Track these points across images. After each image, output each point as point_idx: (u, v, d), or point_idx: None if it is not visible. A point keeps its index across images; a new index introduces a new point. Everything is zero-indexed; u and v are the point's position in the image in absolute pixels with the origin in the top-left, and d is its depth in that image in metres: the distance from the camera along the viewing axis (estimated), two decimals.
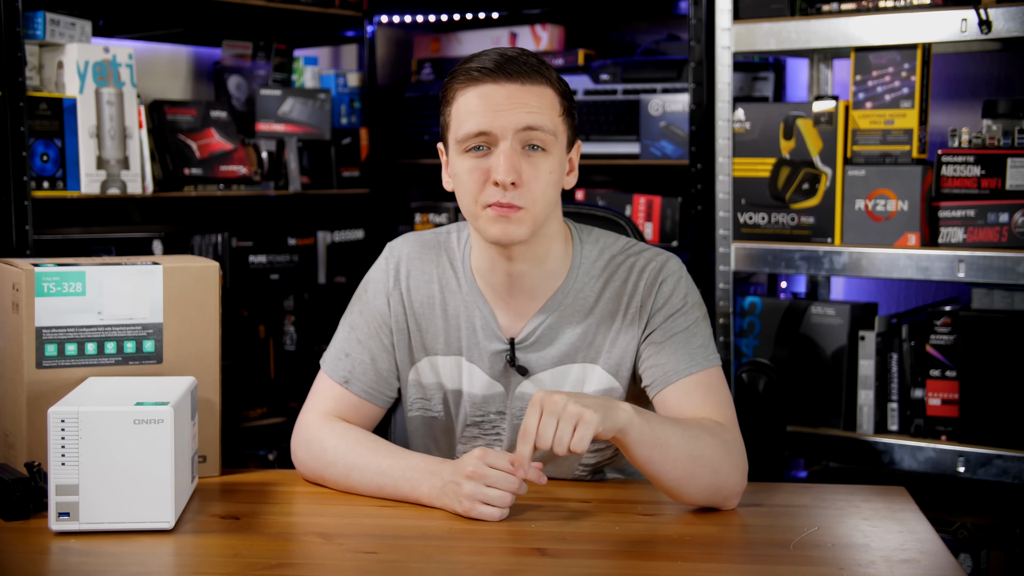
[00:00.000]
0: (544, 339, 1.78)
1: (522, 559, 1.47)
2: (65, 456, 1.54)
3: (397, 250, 1.86)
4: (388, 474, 1.69)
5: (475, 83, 1.68)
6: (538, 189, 1.68)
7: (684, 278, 1.79)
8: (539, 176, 1.68)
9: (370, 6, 3.51)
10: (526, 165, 1.67)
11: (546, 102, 1.69)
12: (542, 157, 1.68)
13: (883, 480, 2.65)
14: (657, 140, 3.11)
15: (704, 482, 1.64)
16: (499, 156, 1.66)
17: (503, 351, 1.78)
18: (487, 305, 1.79)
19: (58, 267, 1.76)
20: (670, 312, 1.76)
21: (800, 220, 2.73)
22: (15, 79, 2.60)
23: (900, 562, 1.47)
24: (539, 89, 1.68)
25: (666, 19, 3.47)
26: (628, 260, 1.79)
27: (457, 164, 1.72)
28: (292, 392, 3.35)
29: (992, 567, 2.69)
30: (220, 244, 3.19)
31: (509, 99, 1.67)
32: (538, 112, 1.67)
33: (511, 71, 1.67)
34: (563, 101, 1.72)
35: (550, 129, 1.68)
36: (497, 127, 1.66)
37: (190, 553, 1.52)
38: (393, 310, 1.83)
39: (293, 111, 3.33)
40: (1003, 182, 2.51)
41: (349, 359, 1.83)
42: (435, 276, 1.83)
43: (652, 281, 1.77)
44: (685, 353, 1.74)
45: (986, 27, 2.46)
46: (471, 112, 1.68)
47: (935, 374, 2.65)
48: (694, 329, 1.76)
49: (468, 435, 1.84)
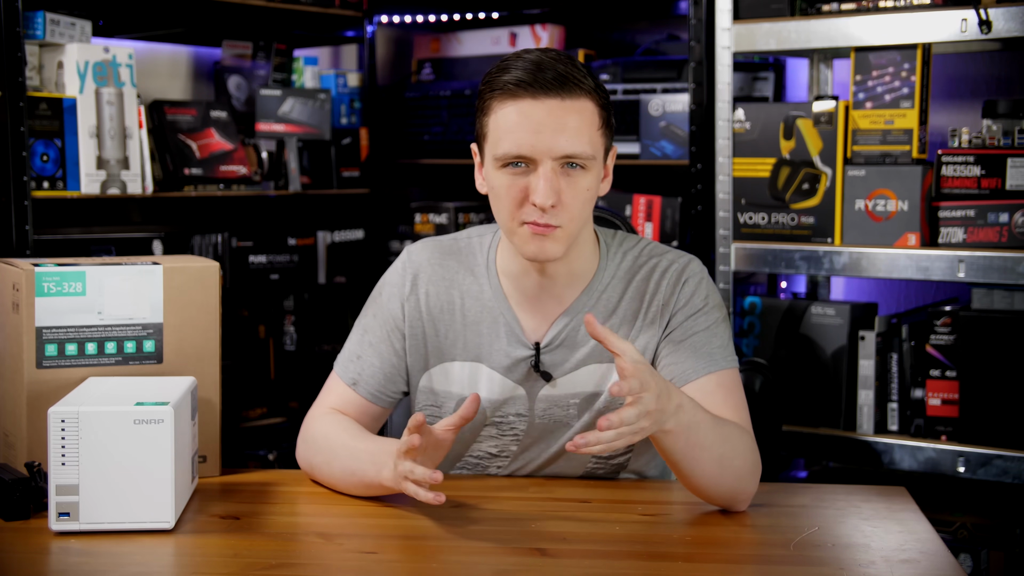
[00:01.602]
0: (568, 342, 1.78)
1: (522, 559, 1.47)
2: (65, 456, 1.54)
3: (416, 256, 1.85)
4: (359, 457, 1.69)
5: (513, 98, 1.64)
6: (575, 207, 1.66)
7: (706, 279, 1.80)
8: (577, 195, 1.66)
9: (370, 6, 3.51)
10: (564, 184, 1.65)
11: (586, 119, 1.65)
12: (581, 175, 1.66)
13: (883, 480, 2.65)
14: (657, 140, 3.11)
15: (728, 485, 1.65)
16: (539, 180, 1.63)
17: (528, 357, 1.78)
18: (511, 311, 1.79)
19: (58, 267, 1.76)
20: (691, 312, 1.76)
21: (800, 220, 2.73)
22: (15, 79, 2.60)
23: (900, 562, 1.47)
24: (579, 104, 1.65)
25: (666, 19, 3.47)
26: (651, 261, 1.80)
27: (494, 178, 1.69)
28: (292, 392, 3.35)
29: (992, 567, 2.69)
30: (220, 244, 3.19)
31: (549, 117, 1.63)
32: (577, 135, 1.64)
33: (549, 84, 1.63)
34: (602, 113, 1.68)
35: (589, 154, 1.65)
36: (538, 152, 1.63)
37: (190, 553, 1.52)
38: (408, 316, 1.82)
39: (293, 111, 3.33)
40: (1003, 182, 2.51)
41: (360, 361, 1.84)
42: (455, 282, 1.82)
43: (675, 281, 1.77)
44: (705, 352, 1.74)
45: (986, 27, 2.46)
46: (509, 130, 1.64)
47: (935, 374, 2.65)
48: (714, 329, 1.76)
49: (485, 434, 1.84)
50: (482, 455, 1.85)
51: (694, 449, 1.59)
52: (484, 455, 1.85)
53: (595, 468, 1.84)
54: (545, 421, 1.80)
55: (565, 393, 1.79)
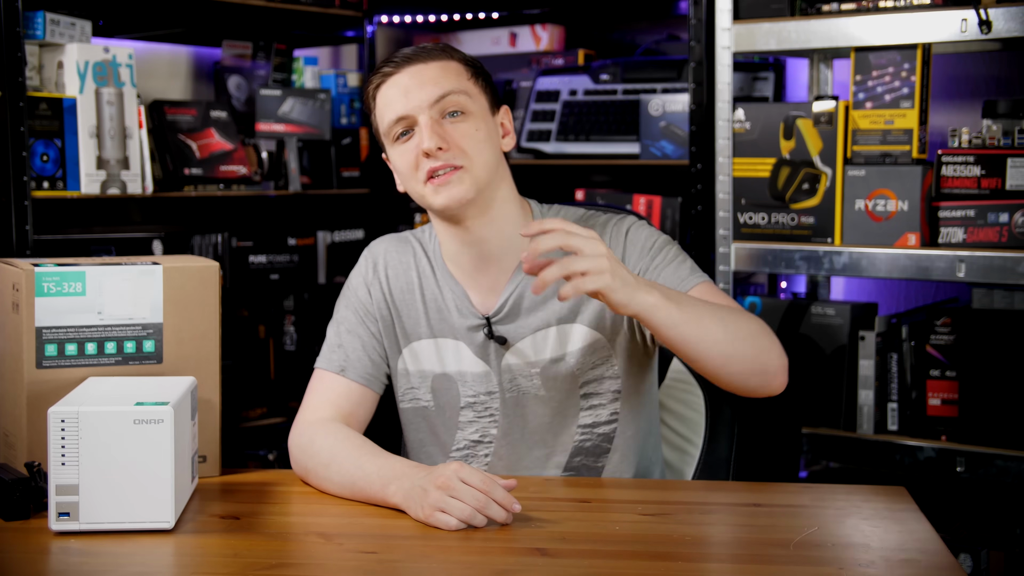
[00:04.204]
0: (516, 309, 1.82)
1: (522, 559, 1.47)
2: (65, 456, 1.54)
3: (375, 247, 1.94)
4: (364, 469, 1.68)
5: (386, 79, 1.79)
6: (469, 146, 1.75)
7: (647, 226, 1.85)
8: (465, 135, 1.76)
9: (370, 6, 3.51)
10: (449, 128, 1.76)
11: (451, 71, 1.78)
12: (462, 119, 1.76)
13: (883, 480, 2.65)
14: (657, 140, 3.11)
15: (749, 356, 1.67)
16: (421, 130, 1.75)
17: (479, 325, 1.83)
18: (459, 286, 1.85)
19: (58, 267, 1.76)
20: (646, 253, 1.81)
21: (800, 220, 2.73)
22: (15, 79, 2.60)
23: (900, 562, 1.47)
24: (441, 64, 1.78)
25: (666, 19, 3.47)
26: (590, 222, 1.85)
27: (394, 158, 1.81)
28: (292, 392, 3.35)
29: (992, 567, 2.69)
30: (220, 244, 3.19)
31: (414, 78, 1.76)
32: (442, 79, 1.76)
33: (412, 57, 1.78)
34: (468, 68, 1.80)
35: (460, 90, 1.76)
36: (412, 107, 1.75)
37: (190, 553, 1.52)
38: (375, 298, 1.88)
39: (293, 111, 3.33)
40: (1003, 182, 2.51)
41: (342, 349, 1.86)
42: (412, 264, 1.89)
43: (618, 234, 1.82)
44: (676, 276, 1.78)
45: (986, 27, 2.46)
46: (388, 103, 1.78)
47: (935, 374, 2.65)
48: (677, 257, 1.81)
49: (464, 419, 1.86)
50: (467, 444, 1.86)
51: (691, 320, 1.62)
52: (468, 444, 1.86)
53: (583, 441, 1.85)
54: (514, 394, 1.84)
55: (525, 362, 1.82)
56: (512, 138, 1.85)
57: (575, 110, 3.26)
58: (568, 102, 3.27)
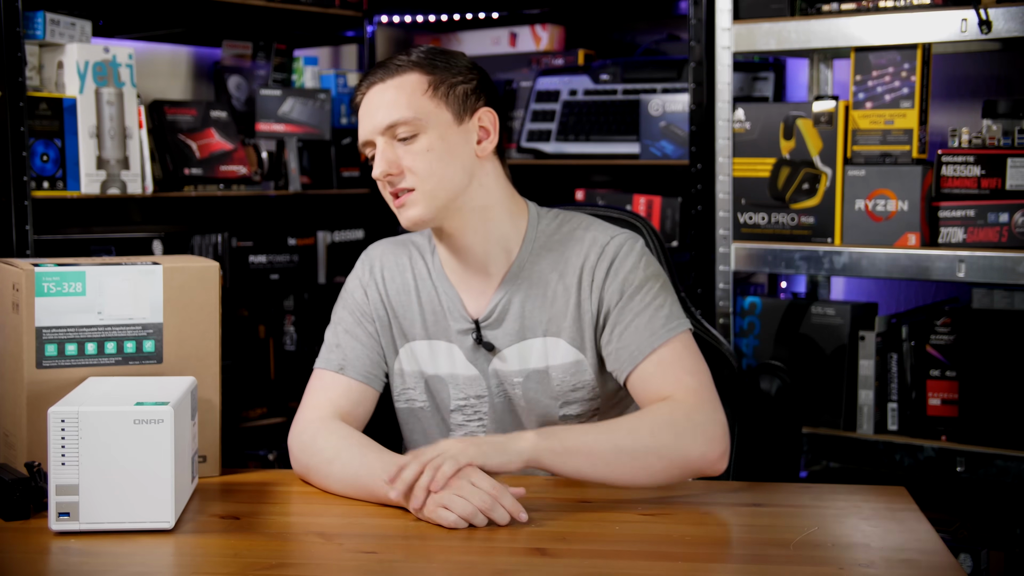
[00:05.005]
0: (503, 315, 1.82)
1: (522, 559, 1.47)
2: (65, 456, 1.54)
3: (371, 250, 1.95)
4: (368, 466, 1.68)
5: (360, 96, 1.80)
6: (420, 167, 1.74)
7: (635, 252, 1.80)
8: (417, 157, 1.75)
9: (370, 6, 3.51)
10: (402, 152, 1.75)
11: (405, 89, 1.75)
12: (414, 141, 1.75)
13: (883, 480, 2.65)
14: (657, 140, 3.11)
15: (658, 468, 1.66)
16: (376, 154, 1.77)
17: (469, 329, 1.83)
18: (453, 289, 1.85)
19: (58, 267, 1.76)
20: (625, 292, 1.78)
21: (800, 220, 2.73)
22: (15, 79, 2.60)
23: (900, 562, 1.47)
24: (397, 80, 1.76)
25: (666, 19, 3.47)
26: (578, 233, 1.83)
27: None
28: (292, 392, 3.35)
29: (992, 567, 2.69)
30: (220, 244, 3.19)
31: (372, 101, 1.77)
32: (394, 105, 1.74)
33: (374, 74, 1.78)
34: (431, 79, 1.76)
35: (409, 117, 1.74)
36: (367, 132, 1.77)
37: (190, 553, 1.52)
38: (371, 299, 1.89)
39: (293, 111, 3.33)
40: (1003, 182, 2.51)
41: (340, 348, 1.86)
42: (408, 267, 1.89)
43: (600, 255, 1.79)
44: (648, 330, 1.75)
45: (986, 27, 2.46)
46: (359, 123, 1.80)
47: (935, 374, 2.65)
48: (655, 301, 1.77)
49: (455, 421, 1.86)
50: None
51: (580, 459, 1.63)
52: None
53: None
54: (501, 399, 1.84)
55: (510, 370, 1.83)
56: (493, 139, 1.81)
57: (575, 110, 3.26)
58: (568, 102, 3.27)
